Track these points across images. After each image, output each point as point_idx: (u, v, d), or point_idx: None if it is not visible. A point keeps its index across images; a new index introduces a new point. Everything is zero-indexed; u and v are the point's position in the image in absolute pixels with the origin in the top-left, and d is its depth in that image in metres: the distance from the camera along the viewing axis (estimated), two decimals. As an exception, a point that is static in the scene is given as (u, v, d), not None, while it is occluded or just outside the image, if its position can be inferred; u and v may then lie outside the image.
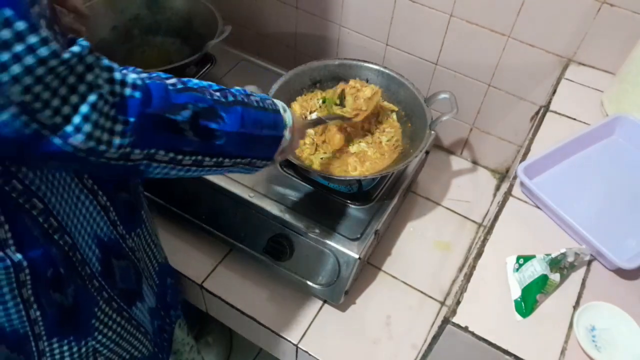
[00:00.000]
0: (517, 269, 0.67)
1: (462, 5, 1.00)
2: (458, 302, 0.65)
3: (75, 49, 0.42)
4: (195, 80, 0.55)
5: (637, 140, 0.81)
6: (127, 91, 0.46)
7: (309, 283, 0.93)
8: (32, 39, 0.39)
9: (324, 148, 0.97)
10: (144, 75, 0.49)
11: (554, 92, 0.93)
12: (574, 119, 0.88)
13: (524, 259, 0.67)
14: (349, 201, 0.94)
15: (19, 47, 0.38)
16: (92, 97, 0.43)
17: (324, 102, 1.00)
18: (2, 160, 0.48)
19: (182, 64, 1.01)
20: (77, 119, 0.42)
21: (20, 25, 0.38)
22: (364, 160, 0.96)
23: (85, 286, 0.64)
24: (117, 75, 0.46)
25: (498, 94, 1.10)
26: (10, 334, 0.59)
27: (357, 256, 0.87)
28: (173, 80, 0.52)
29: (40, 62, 0.39)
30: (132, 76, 0.47)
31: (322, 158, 0.95)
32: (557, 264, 0.65)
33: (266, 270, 0.99)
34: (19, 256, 0.54)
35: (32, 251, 0.55)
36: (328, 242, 0.88)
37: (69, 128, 0.42)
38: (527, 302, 0.64)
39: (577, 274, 0.68)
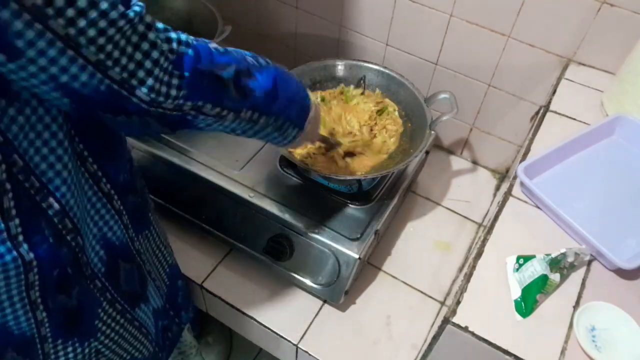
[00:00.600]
0: (517, 269, 0.67)
1: (462, 5, 1.00)
2: (458, 302, 0.65)
3: (137, 8, 0.46)
4: (232, 48, 0.60)
5: (637, 140, 0.81)
6: (182, 49, 0.50)
7: (309, 283, 0.93)
8: (104, 5, 0.42)
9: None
10: (191, 37, 0.53)
11: (554, 92, 0.92)
12: (574, 119, 0.88)
13: (524, 259, 0.67)
14: (349, 201, 0.94)
15: (93, 14, 0.42)
16: (154, 54, 0.47)
17: (322, 100, 1.00)
18: (83, 111, 0.50)
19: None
20: (141, 74, 0.47)
21: None
22: (364, 159, 0.96)
23: (88, 287, 0.64)
24: (173, 35, 0.50)
25: (498, 94, 1.10)
26: (18, 336, 0.59)
27: (357, 256, 0.87)
28: (215, 45, 0.56)
29: (111, 24, 0.43)
30: (183, 36, 0.52)
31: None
32: (557, 264, 0.65)
33: (266, 270, 0.99)
34: (31, 255, 0.54)
35: (42, 250, 0.55)
36: (328, 242, 0.88)
37: (134, 82, 0.47)
38: (527, 302, 0.64)
39: (577, 274, 0.68)
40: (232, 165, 0.98)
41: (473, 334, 0.62)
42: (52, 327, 0.61)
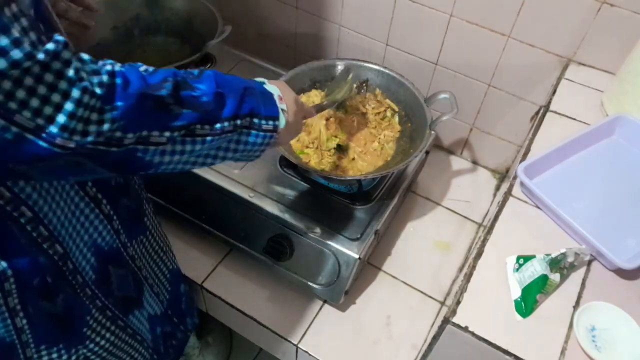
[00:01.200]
0: (517, 269, 0.67)
1: (462, 5, 1.00)
2: (458, 302, 0.65)
3: (50, 46, 0.40)
4: (162, 69, 0.54)
5: (637, 140, 0.81)
6: (110, 80, 0.45)
7: (309, 283, 0.93)
8: (3, 41, 0.37)
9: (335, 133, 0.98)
10: (117, 63, 0.48)
11: (554, 92, 0.92)
12: (574, 119, 0.88)
13: (524, 259, 0.67)
14: (349, 201, 0.94)
15: None
16: (75, 93, 0.41)
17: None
18: None
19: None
20: (62, 118, 0.41)
21: None
22: (366, 160, 0.96)
23: (76, 295, 0.63)
24: (101, 66, 0.45)
25: (498, 94, 1.10)
26: None
27: (357, 256, 0.87)
28: (144, 67, 0.51)
29: (13, 65, 0.38)
30: (108, 66, 0.46)
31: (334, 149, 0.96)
32: (557, 264, 0.65)
33: (266, 270, 0.99)
34: (3, 264, 0.53)
35: (17, 260, 0.54)
36: (328, 242, 0.88)
37: (54, 129, 0.41)
38: (527, 302, 0.64)
39: (577, 274, 0.68)
40: (232, 165, 0.98)
41: (473, 334, 0.62)
42: (34, 334, 0.60)
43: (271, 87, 0.64)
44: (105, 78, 0.44)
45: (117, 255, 0.69)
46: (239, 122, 0.56)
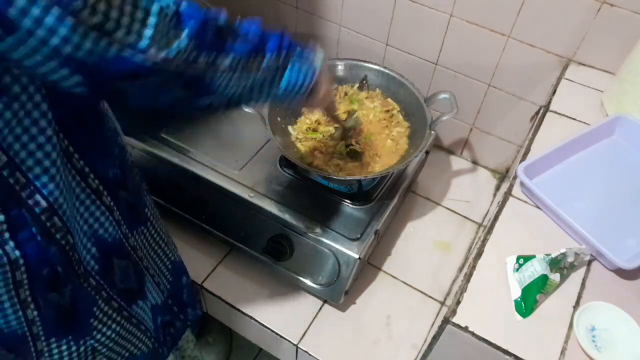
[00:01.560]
0: (517, 269, 0.67)
1: (462, 5, 1.00)
2: (458, 302, 0.65)
3: None
4: None
5: (637, 140, 0.81)
6: (174, 3, 0.48)
7: (309, 283, 0.93)
8: None
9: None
10: None
11: (554, 92, 0.92)
12: (574, 119, 0.88)
13: (524, 259, 0.67)
14: (349, 201, 0.94)
15: None
16: (154, 8, 0.45)
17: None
18: (99, 88, 0.49)
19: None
20: (148, 32, 0.45)
21: None
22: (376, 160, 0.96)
23: (81, 286, 0.64)
24: None
25: (498, 94, 1.10)
26: (8, 335, 0.58)
27: (357, 256, 0.87)
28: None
29: None
30: None
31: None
32: (557, 264, 0.65)
33: (266, 270, 0.99)
34: (17, 253, 0.53)
35: (29, 249, 0.54)
36: (328, 242, 0.88)
37: (144, 43, 0.45)
38: (527, 302, 0.64)
39: (577, 274, 0.68)
40: (232, 165, 0.98)
41: (473, 334, 0.62)
42: (44, 326, 0.61)
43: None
44: (171, 2, 0.48)
45: (120, 247, 0.70)
46: (283, 52, 0.61)
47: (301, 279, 0.94)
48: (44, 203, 0.54)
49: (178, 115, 1.06)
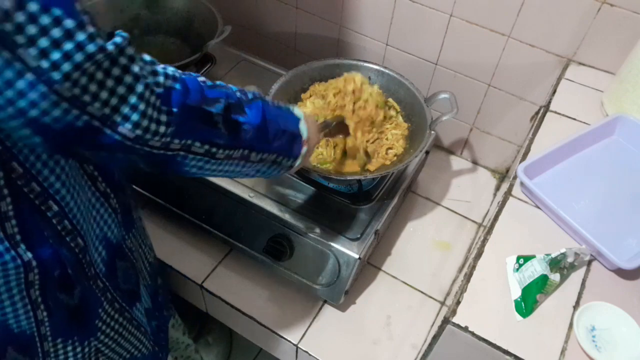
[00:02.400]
0: (517, 269, 0.67)
1: (462, 5, 1.00)
2: (458, 302, 0.65)
3: (118, 40, 0.43)
4: (220, 82, 0.58)
5: (637, 140, 0.81)
6: (169, 82, 0.48)
7: (309, 283, 0.93)
8: (81, 36, 0.40)
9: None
10: (179, 70, 0.51)
11: (554, 92, 0.92)
12: (574, 119, 0.88)
13: (524, 259, 0.67)
14: (349, 201, 0.94)
15: (68, 45, 0.39)
16: (139, 88, 0.44)
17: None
18: (58, 149, 0.48)
19: (182, 64, 1.01)
20: (125, 109, 0.44)
21: (69, 23, 0.39)
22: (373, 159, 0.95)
23: (90, 287, 0.64)
24: (160, 68, 0.48)
25: (498, 94, 1.10)
26: (19, 335, 0.59)
27: (357, 256, 0.87)
28: (203, 78, 0.54)
29: (89, 58, 0.40)
30: (170, 69, 0.49)
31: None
32: (557, 264, 0.65)
33: (266, 270, 0.99)
34: (29, 255, 0.54)
35: (41, 251, 0.55)
36: (328, 242, 0.88)
37: (118, 118, 0.44)
38: (527, 302, 0.64)
39: (577, 274, 0.68)
40: (232, 165, 0.98)
41: (473, 334, 0.62)
42: (52, 326, 0.61)
43: (303, 126, 0.68)
44: (162, 80, 0.47)
45: (121, 248, 0.70)
46: (266, 156, 0.61)
47: (301, 279, 0.94)
48: (55, 207, 0.55)
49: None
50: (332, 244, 0.88)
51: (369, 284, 1.01)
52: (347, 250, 0.88)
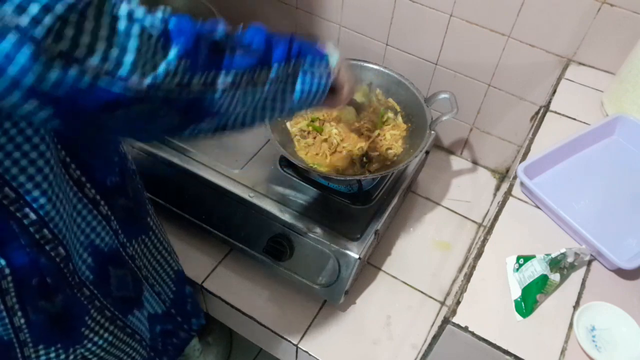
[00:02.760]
0: (517, 269, 0.67)
1: (462, 5, 1.00)
2: (458, 302, 0.65)
3: None
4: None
5: (637, 140, 0.81)
6: (160, 22, 0.44)
7: (309, 283, 0.93)
8: None
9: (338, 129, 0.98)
10: (168, 9, 0.47)
11: (554, 92, 0.92)
12: (574, 119, 0.88)
13: (524, 259, 0.67)
14: (349, 201, 0.94)
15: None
16: (135, 30, 0.41)
17: (312, 121, 1.00)
18: (77, 121, 0.44)
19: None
20: (129, 58, 0.40)
21: None
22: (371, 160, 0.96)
23: (74, 295, 0.63)
24: (146, 8, 0.44)
25: (498, 94, 1.10)
26: None
27: (357, 256, 0.87)
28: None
29: (70, 8, 0.37)
30: (158, 12, 0.45)
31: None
32: (557, 264, 0.65)
33: (266, 270, 0.99)
34: (2, 262, 0.53)
35: (16, 258, 0.54)
36: (328, 242, 0.88)
37: (123, 71, 0.40)
38: (527, 302, 0.64)
39: (577, 274, 0.68)
40: (232, 165, 0.98)
41: (473, 334, 0.62)
42: (32, 333, 0.60)
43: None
44: (157, 20, 0.43)
45: (117, 256, 0.69)
46: (292, 61, 0.56)
47: (301, 279, 0.94)
48: (33, 216, 0.53)
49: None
50: (332, 244, 0.88)
51: (369, 284, 1.01)
52: (347, 250, 0.88)
